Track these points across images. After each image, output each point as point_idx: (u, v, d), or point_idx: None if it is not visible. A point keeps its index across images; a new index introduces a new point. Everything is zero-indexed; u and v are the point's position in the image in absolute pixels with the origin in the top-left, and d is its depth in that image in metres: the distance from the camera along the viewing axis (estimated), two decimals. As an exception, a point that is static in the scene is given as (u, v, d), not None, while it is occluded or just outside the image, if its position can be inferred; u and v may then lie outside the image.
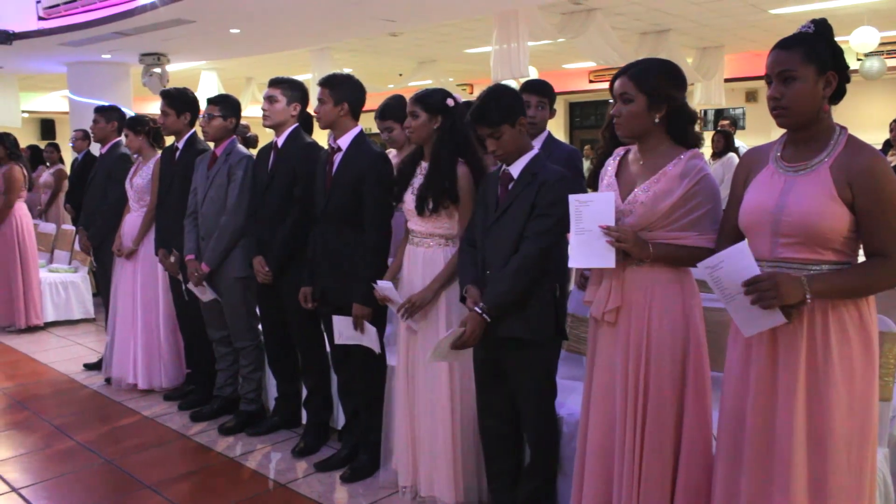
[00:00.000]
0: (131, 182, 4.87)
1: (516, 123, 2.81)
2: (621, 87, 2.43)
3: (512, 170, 2.86)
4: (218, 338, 4.38)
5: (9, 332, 6.76)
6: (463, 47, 11.89)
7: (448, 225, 3.14)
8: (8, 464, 3.95)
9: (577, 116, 18.08)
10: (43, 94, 17.08)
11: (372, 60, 12.52)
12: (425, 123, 3.13)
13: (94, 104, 6.06)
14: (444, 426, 3.14)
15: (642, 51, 10.03)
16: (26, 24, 9.04)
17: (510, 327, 2.79)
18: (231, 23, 8.47)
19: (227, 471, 3.79)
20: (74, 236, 7.27)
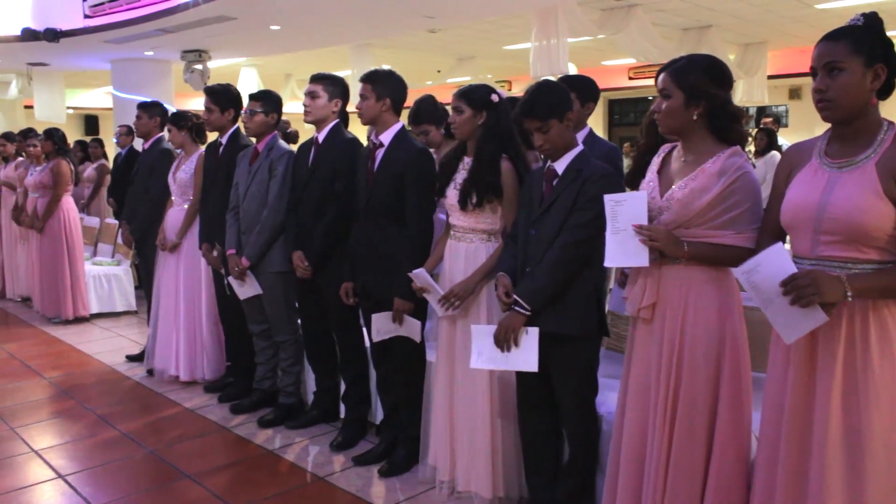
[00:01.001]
0: (174, 177, 4.93)
1: (564, 118, 2.80)
2: (661, 83, 2.42)
3: (557, 166, 2.85)
4: (258, 331, 4.42)
5: (55, 324, 6.91)
6: (502, 44, 11.86)
7: (491, 220, 3.14)
8: (54, 451, 4.04)
9: (617, 114, 17.94)
10: (87, 91, 17.38)
11: (411, 57, 12.54)
12: (470, 119, 3.13)
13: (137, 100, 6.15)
14: (483, 421, 3.14)
15: (683, 47, 9.90)
16: (73, 22, 9.20)
17: (551, 323, 2.79)
18: (272, 19, 8.54)
19: (266, 463, 3.83)
20: (117, 230, 7.41)
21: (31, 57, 10.97)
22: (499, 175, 3.08)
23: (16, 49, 10.01)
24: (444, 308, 3.15)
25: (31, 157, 7.25)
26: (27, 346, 6.20)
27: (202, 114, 4.72)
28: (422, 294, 3.25)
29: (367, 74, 3.56)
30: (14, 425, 4.40)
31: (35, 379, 5.32)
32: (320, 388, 4.21)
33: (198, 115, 4.92)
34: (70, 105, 14.68)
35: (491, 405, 3.14)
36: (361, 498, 3.41)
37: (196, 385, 4.97)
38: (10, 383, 5.23)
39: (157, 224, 5.07)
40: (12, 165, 7.95)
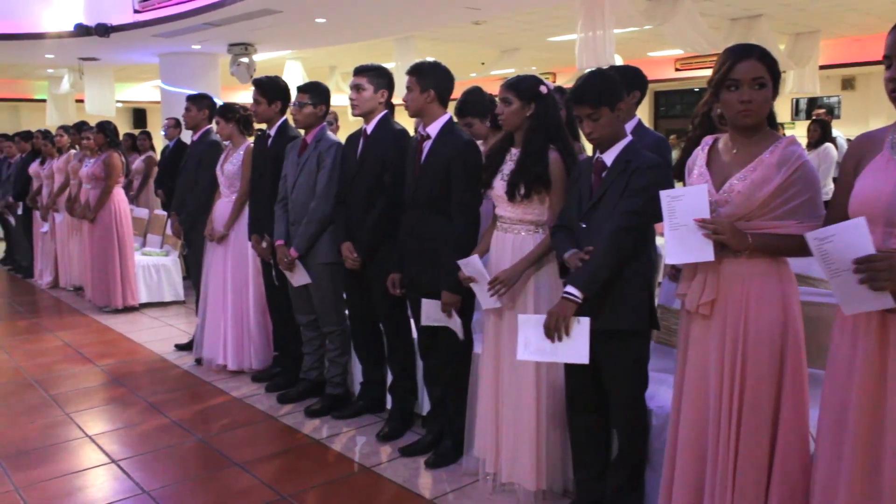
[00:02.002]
0: (222, 168, 4.98)
1: (615, 107, 2.77)
2: (755, 71, 2.30)
3: (605, 157, 2.82)
4: (305, 322, 4.46)
5: (105, 312, 7.05)
6: (546, 35, 11.77)
7: (538, 211, 3.12)
8: (107, 436, 4.12)
9: (662, 105, 17.70)
10: (135, 85, 17.67)
11: (454, 49, 12.51)
12: (518, 110, 3.11)
13: (185, 93, 6.23)
14: (528, 413, 3.13)
15: (732, 37, 9.73)
16: (122, 17, 9.36)
17: (605, 319, 2.76)
18: (317, 12, 8.59)
19: (313, 452, 3.86)
20: (166, 221, 7.53)
21: (83, 52, 11.20)
22: (547, 166, 3.06)
23: (68, 44, 10.23)
24: (490, 295, 3.13)
25: (85, 149, 7.39)
26: (80, 335, 6.34)
27: (250, 106, 4.76)
28: (468, 284, 3.24)
29: (412, 67, 3.55)
30: (69, 411, 4.51)
31: (88, 366, 5.44)
32: (367, 378, 4.23)
33: (245, 107, 4.96)
34: (119, 99, 14.94)
35: (536, 397, 3.13)
36: (408, 489, 3.42)
37: (243, 375, 5.02)
38: (65, 370, 5.35)
39: (206, 215, 5.13)
40: (66, 157, 8.12)
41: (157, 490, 3.46)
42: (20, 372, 5.32)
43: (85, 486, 3.55)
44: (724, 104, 2.37)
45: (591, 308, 2.76)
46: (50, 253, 8.55)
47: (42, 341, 6.20)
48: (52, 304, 7.78)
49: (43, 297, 8.17)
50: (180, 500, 3.39)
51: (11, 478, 3.61)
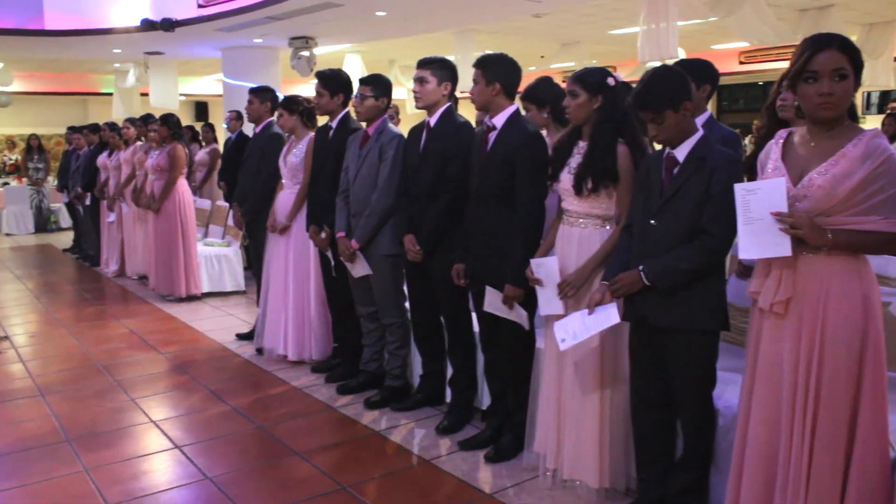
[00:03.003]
0: (285, 160, 5.02)
1: (680, 108, 2.70)
2: (835, 62, 2.21)
3: (677, 153, 2.76)
4: (365, 313, 4.47)
5: (168, 301, 7.20)
6: (608, 28, 11.61)
7: (606, 205, 3.07)
8: (170, 422, 4.20)
9: (726, 100, 17.31)
10: (198, 78, 17.99)
11: (514, 42, 12.42)
12: (585, 103, 3.07)
13: (246, 87, 6.30)
14: (592, 409, 3.09)
15: (801, 29, 9.45)
16: (187, 11, 9.53)
17: (672, 318, 2.72)
18: (377, 5, 8.61)
19: (372, 444, 3.88)
20: (228, 212, 7.64)
21: (149, 46, 11.43)
22: (615, 160, 3.01)
23: (135, 39, 10.46)
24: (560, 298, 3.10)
25: (150, 141, 7.53)
26: (144, 322, 6.48)
27: (312, 98, 4.79)
28: (535, 285, 3.21)
29: (478, 59, 3.52)
30: (134, 396, 4.61)
31: (152, 353, 5.55)
32: (427, 371, 4.23)
33: (308, 99, 4.99)
34: (182, 92, 15.21)
35: (600, 392, 3.09)
36: (467, 482, 3.41)
37: (303, 365, 5.07)
38: (130, 357, 5.47)
39: (267, 207, 5.18)
40: (132, 149, 8.29)
41: (220, 476, 3.52)
42: (89, 357, 5.46)
43: (150, 470, 3.62)
44: (801, 97, 2.29)
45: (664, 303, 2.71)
46: (116, 242, 8.76)
47: (108, 328, 6.36)
48: (117, 291, 7.98)
49: (109, 285, 8.38)
50: (242, 488, 3.43)
51: (81, 459, 3.72)
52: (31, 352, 5.69)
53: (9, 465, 3.69)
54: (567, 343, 2.94)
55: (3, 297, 7.85)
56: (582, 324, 2.92)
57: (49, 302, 7.56)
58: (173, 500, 3.34)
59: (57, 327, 6.44)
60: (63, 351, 5.69)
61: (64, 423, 4.18)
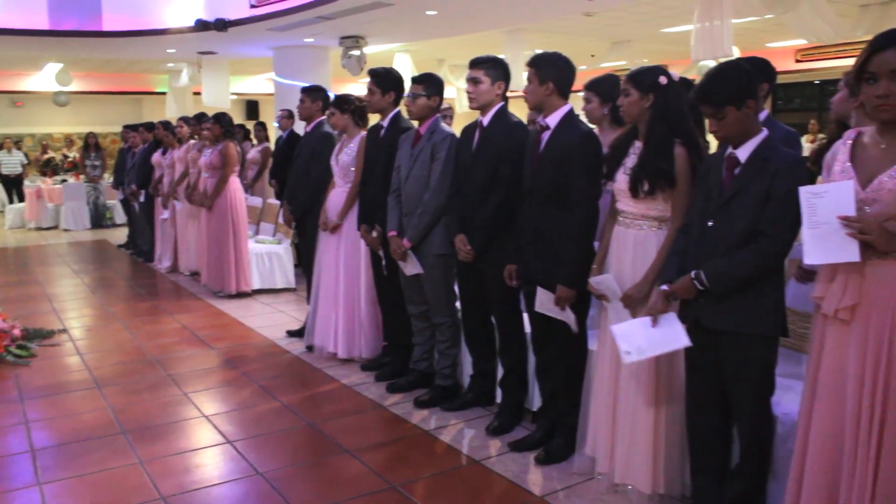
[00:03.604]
0: (337, 159, 5.04)
1: (743, 106, 2.63)
2: (894, 63, 2.13)
3: (739, 154, 2.69)
4: (416, 313, 4.47)
5: (220, 297, 7.29)
6: (660, 27, 11.47)
7: (662, 207, 3.02)
8: (222, 417, 4.25)
9: (781, 99, 16.95)
10: (249, 77, 18.25)
11: (564, 41, 12.33)
12: (636, 101, 3.04)
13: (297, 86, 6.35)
14: (646, 413, 3.05)
15: (861, 26, 9.21)
16: (239, 12, 9.66)
17: (727, 321, 2.66)
18: (427, 4, 8.62)
19: (421, 443, 3.87)
20: (279, 210, 7.71)
21: (202, 46, 11.62)
22: (671, 161, 2.95)
23: (189, 39, 10.63)
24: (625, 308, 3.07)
25: (203, 139, 7.64)
26: (196, 318, 6.57)
27: (364, 96, 4.80)
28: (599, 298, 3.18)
29: (531, 58, 3.49)
30: (186, 390, 4.67)
31: (203, 348, 5.63)
32: (477, 371, 4.21)
33: (360, 98, 5.01)
34: (233, 91, 15.42)
35: (655, 396, 3.05)
36: (517, 484, 3.39)
37: (353, 363, 5.08)
38: (183, 352, 5.55)
39: (317, 205, 5.21)
40: (186, 147, 8.42)
41: (270, 472, 3.54)
42: (142, 351, 5.56)
43: (202, 464, 3.67)
44: (863, 98, 2.22)
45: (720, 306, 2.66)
46: (169, 239, 8.91)
47: (161, 323, 6.46)
48: (170, 287, 8.11)
49: (162, 280, 8.52)
50: (292, 484, 3.45)
51: (136, 451, 3.78)
52: (86, 344, 5.82)
53: (68, 454, 3.77)
54: (632, 357, 2.90)
55: (60, 290, 8.04)
56: (647, 338, 2.86)
57: (104, 296, 7.72)
58: (225, 495, 3.38)
59: (112, 321, 6.57)
60: (118, 344, 5.81)
61: (119, 416, 4.26)
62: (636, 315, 3.01)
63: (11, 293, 7.66)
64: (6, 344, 5.37)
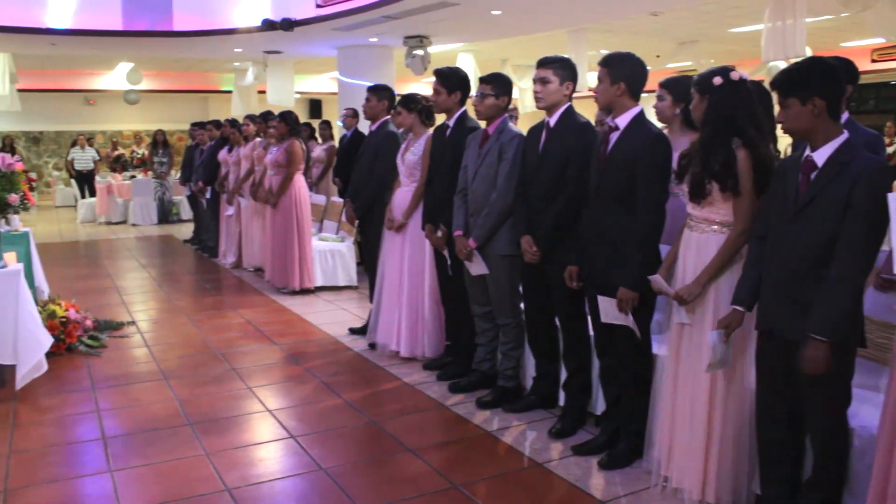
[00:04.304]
0: (402, 158, 5.05)
1: (808, 102, 2.54)
2: None
3: (816, 157, 2.60)
4: (480, 313, 4.45)
5: (283, 293, 7.38)
6: (728, 26, 11.24)
7: (725, 211, 2.96)
8: (285, 412, 4.30)
9: (854, 100, 16.44)
10: (312, 76, 18.47)
11: (628, 41, 12.19)
12: (698, 104, 3.03)
13: (361, 84, 6.38)
14: (700, 420, 3.01)
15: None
16: (305, 11, 9.76)
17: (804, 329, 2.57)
18: (493, 4, 8.60)
19: (483, 444, 3.86)
20: (342, 208, 7.77)
21: (268, 45, 11.79)
22: (727, 164, 2.88)
23: (255, 39, 10.80)
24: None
25: (269, 137, 7.75)
26: (260, 314, 6.67)
27: (430, 96, 4.81)
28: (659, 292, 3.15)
29: (603, 58, 3.45)
30: (251, 385, 4.74)
31: (267, 344, 5.71)
32: (540, 373, 4.18)
33: (427, 97, 5.01)
34: (297, 90, 15.62)
35: (709, 404, 3.00)
36: (579, 488, 3.35)
37: (415, 362, 5.10)
38: (247, 346, 5.64)
39: (380, 204, 5.24)
40: (251, 145, 8.55)
41: (333, 468, 3.57)
42: (208, 345, 5.67)
43: (266, 458, 3.72)
44: None
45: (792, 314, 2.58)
46: (234, 235, 9.06)
47: (226, 317, 6.58)
48: (234, 283, 8.25)
49: (226, 276, 8.68)
50: (355, 480, 3.47)
51: (202, 442, 3.85)
52: (154, 337, 5.96)
53: (137, 443, 3.87)
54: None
55: (128, 283, 8.25)
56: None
57: (170, 290, 7.89)
58: (288, 489, 3.41)
59: (178, 314, 6.71)
60: (183, 337, 5.93)
61: (185, 407, 4.34)
62: (699, 312, 3.00)
63: (83, 285, 7.88)
64: (79, 334, 5.52)
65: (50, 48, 11.60)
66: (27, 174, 5.27)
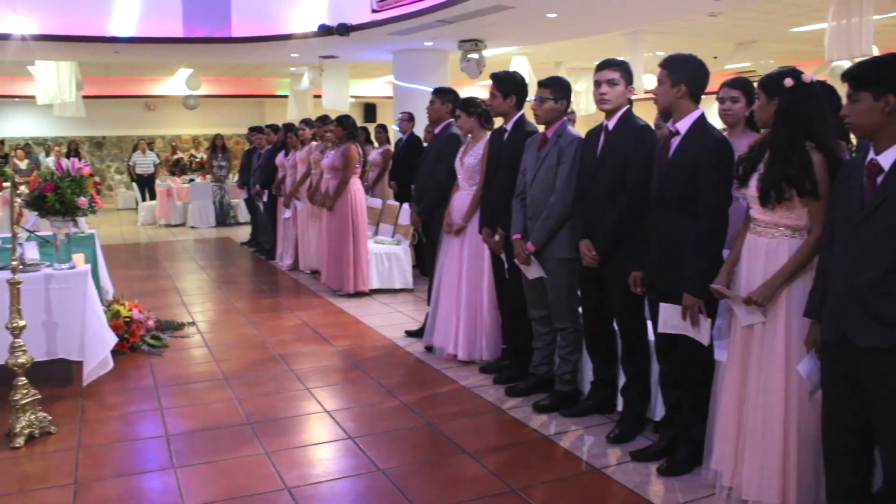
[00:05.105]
0: (461, 161, 5.07)
1: (881, 98, 2.46)
2: None
3: (881, 159, 2.52)
4: (538, 317, 4.44)
5: (339, 296, 7.45)
6: (789, 26, 11.01)
7: (797, 215, 2.89)
8: (343, 413, 4.34)
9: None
10: (367, 81, 18.64)
11: (685, 43, 12.03)
12: (764, 106, 2.98)
13: (416, 89, 6.39)
14: (776, 427, 2.93)
15: None
16: (361, 16, 9.85)
17: (876, 337, 2.50)
18: (548, 7, 8.56)
19: (540, 448, 3.85)
20: (398, 211, 7.82)
21: (324, 50, 11.91)
22: (801, 167, 2.82)
23: (312, 44, 10.93)
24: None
25: (326, 141, 7.83)
26: (316, 315, 6.74)
27: (487, 99, 4.81)
28: (719, 297, 3.09)
29: (664, 59, 3.42)
30: (309, 386, 4.80)
31: (324, 345, 5.77)
32: (598, 378, 4.15)
33: (486, 101, 5.02)
34: (352, 94, 15.77)
35: (785, 411, 2.92)
36: (638, 494, 3.32)
37: (472, 365, 5.10)
38: (304, 348, 5.71)
39: (442, 207, 5.25)
40: (308, 148, 8.66)
41: (392, 469, 3.59)
42: (266, 346, 5.75)
43: (325, 458, 3.76)
44: None
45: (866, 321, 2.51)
46: (291, 238, 9.18)
47: (283, 319, 6.67)
48: (291, 285, 8.36)
49: (283, 278, 8.80)
50: (413, 482, 3.48)
51: (262, 442, 3.91)
52: (213, 337, 6.07)
53: (199, 441, 3.95)
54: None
55: (188, 285, 8.43)
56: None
57: (228, 291, 8.03)
58: (347, 489, 3.45)
59: (236, 316, 6.82)
60: (242, 338, 6.03)
61: (245, 407, 4.42)
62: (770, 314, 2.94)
63: (144, 286, 8.07)
64: (142, 334, 5.66)
65: (113, 56, 11.92)
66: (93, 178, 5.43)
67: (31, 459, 3.77)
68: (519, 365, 4.72)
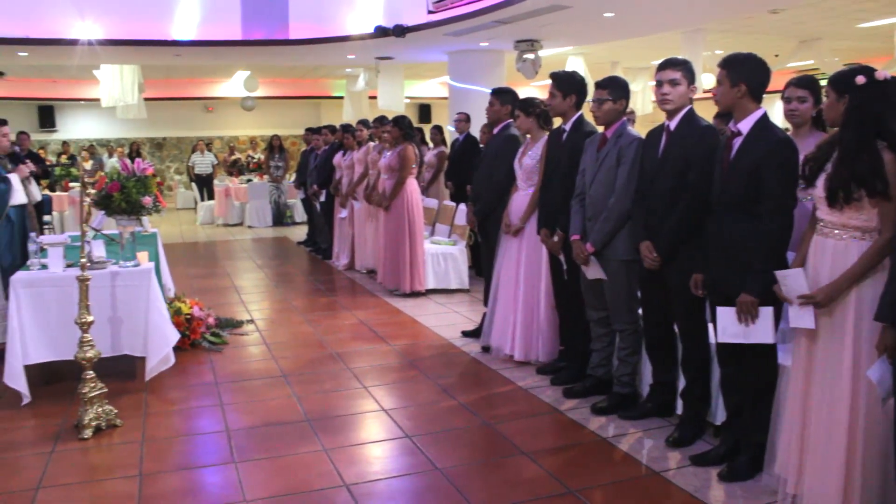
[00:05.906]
0: (520, 162, 5.06)
1: None
2: None
3: None
4: (596, 318, 4.42)
5: (395, 295, 7.51)
6: (855, 22, 10.71)
7: (866, 216, 2.82)
8: (400, 412, 4.38)
9: None
10: (422, 81, 18.72)
11: (746, 41, 11.81)
12: (833, 104, 2.90)
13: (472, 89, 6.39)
14: (840, 433, 2.85)
15: None
16: (417, 17, 9.89)
17: None
18: (605, 6, 8.49)
19: (599, 450, 3.83)
20: (454, 211, 7.84)
21: (380, 52, 12.00)
22: (872, 166, 2.75)
23: (368, 45, 11.01)
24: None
25: (384, 141, 7.89)
26: (373, 315, 6.80)
27: (546, 99, 4.79)
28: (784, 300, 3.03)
29: (723, 59, 3.37)
30: (366, 384, 4.85)
31: (381, 345, 5.82)
32: (657, 380, 4.11)
33: (545, 101, 5.00)
34: (407, 95, 15.83)
35: (851, 415, 2.84)
36: (699, 499, 3.28)
37: (529, 366, 5.09)
38: (361, 347, 5.77)
39: (500, 208, 5.25)
40: (365, 149, 8.73)
41: (449, 469, 3.61)
42: (323, 344, 5.82)
43: (383, 456, 3.80)
44: None
45: None
46: (347, 237, 9.27)
47: (340, 318, 6.74)
48: (347, 284, 8.45)
49: (339, 277, 8.89)
50: (470, 482, 3.50)
51: (320, 438, 3.97)
52: (271, 335, 6.16)
53: (260, 437, 4.02)
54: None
55: (246, 283, 8.58)
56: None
57: (286, 290, 8.15)
58: (405, 488, 3.48)
59: (293, 314, 6.92)
60: (300, 337, 6.11)
61: (304, 404, 4.48)
62: (826, 318, 2.87)
63: (204, 284, 8.24)
64: (202, 331, 5.79)
65: (174, 59, 12.19)
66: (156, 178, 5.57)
67: (98, 451, 3.89)
68: (577, 366, 4.70)
